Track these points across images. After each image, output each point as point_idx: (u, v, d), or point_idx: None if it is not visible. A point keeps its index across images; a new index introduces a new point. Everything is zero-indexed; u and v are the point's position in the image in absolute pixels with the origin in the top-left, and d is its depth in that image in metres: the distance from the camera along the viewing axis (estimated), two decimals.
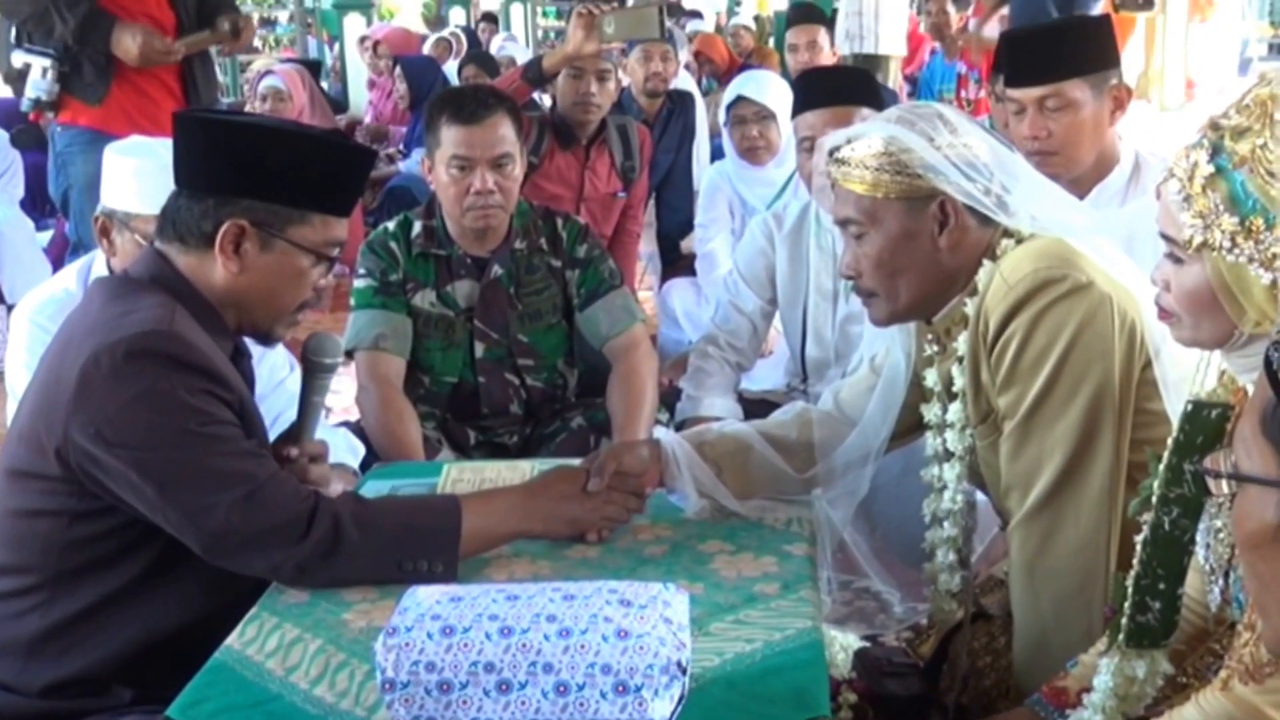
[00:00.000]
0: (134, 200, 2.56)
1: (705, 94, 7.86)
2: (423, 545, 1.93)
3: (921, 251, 2.01)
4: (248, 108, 6.80)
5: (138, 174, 2.57)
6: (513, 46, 10.32)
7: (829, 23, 6.50)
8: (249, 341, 2.13)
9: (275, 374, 2.81)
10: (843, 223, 2.07)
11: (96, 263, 2.80)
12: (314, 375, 2.17)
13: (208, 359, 1.90)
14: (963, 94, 8.30)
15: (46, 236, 6.34)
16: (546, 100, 5.34)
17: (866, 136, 2.02)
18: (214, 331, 1.98)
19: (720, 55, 9.12)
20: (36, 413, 1.90)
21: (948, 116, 2.02)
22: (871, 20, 6.45)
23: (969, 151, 1.98)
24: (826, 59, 5.97)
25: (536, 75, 4.18)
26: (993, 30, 8.44)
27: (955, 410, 2.05)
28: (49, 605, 1.90)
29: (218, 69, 12.04)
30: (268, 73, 6.89)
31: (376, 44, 9.31)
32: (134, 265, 2.06)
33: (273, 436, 2.16)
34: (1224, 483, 1.14)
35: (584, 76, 4.35)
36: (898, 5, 6.58)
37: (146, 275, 1.99)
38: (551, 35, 15.37)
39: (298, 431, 2.16)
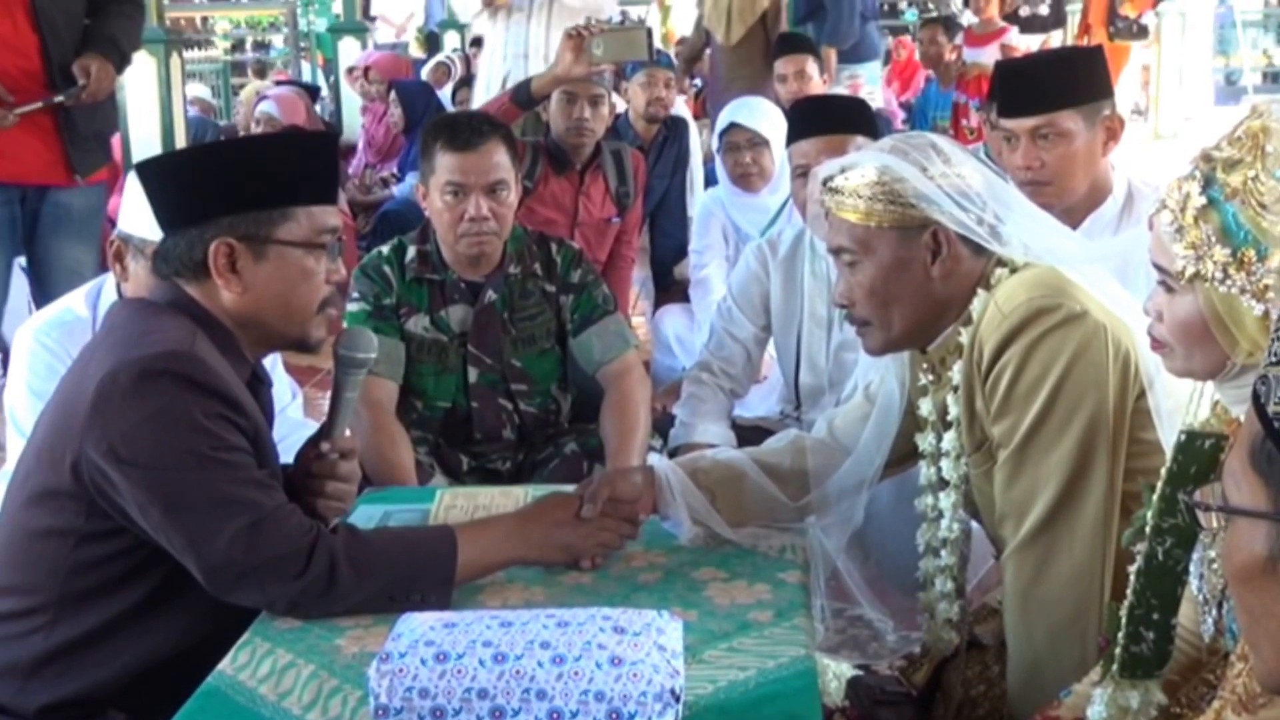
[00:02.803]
0: (149, 227, 2.54)
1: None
2: (417, 581, 1.94)
3: (914, 281, 2.01)
4: (242, 133, 6.82)
5: None
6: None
7: (817, 52, 6.48)
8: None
9: (279, 401, 2.81)
10: (836, 251, 2.08)
11: (106, 287, 2.80)
12: (346, 371, 2.16)
13: (225, 384, 1.90)
14: (963, 122, 8.33)
15: None
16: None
17: (860, 166, 2.03)
18: (232, 358, 1.97)
19: None
20: (54, 428, 1.90)
21: (941, 146, 2.03)
22: (540, 64, 5.81)
23: (962, 181, 1.99)
24: (816, 88, 5.98)
25: (526, 98, 4.19)
26: (986, 55, 8.50)
27: (950, 439, 2.05)
28: (52, 627, 1.90)
29: (210, 91, 11.97)
30: (264, 97, 6.91)
31: (368, 69, 9.33)
32: (152, 292, 2.05)
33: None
34: (1214, 516, 1.14)
35: (577, 101, 4.37)
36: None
37: (165, 300, 1.99)
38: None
39: (329, 427, 2.16)
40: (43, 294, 4.06)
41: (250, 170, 1.96)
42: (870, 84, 7.50)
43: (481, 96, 5.47)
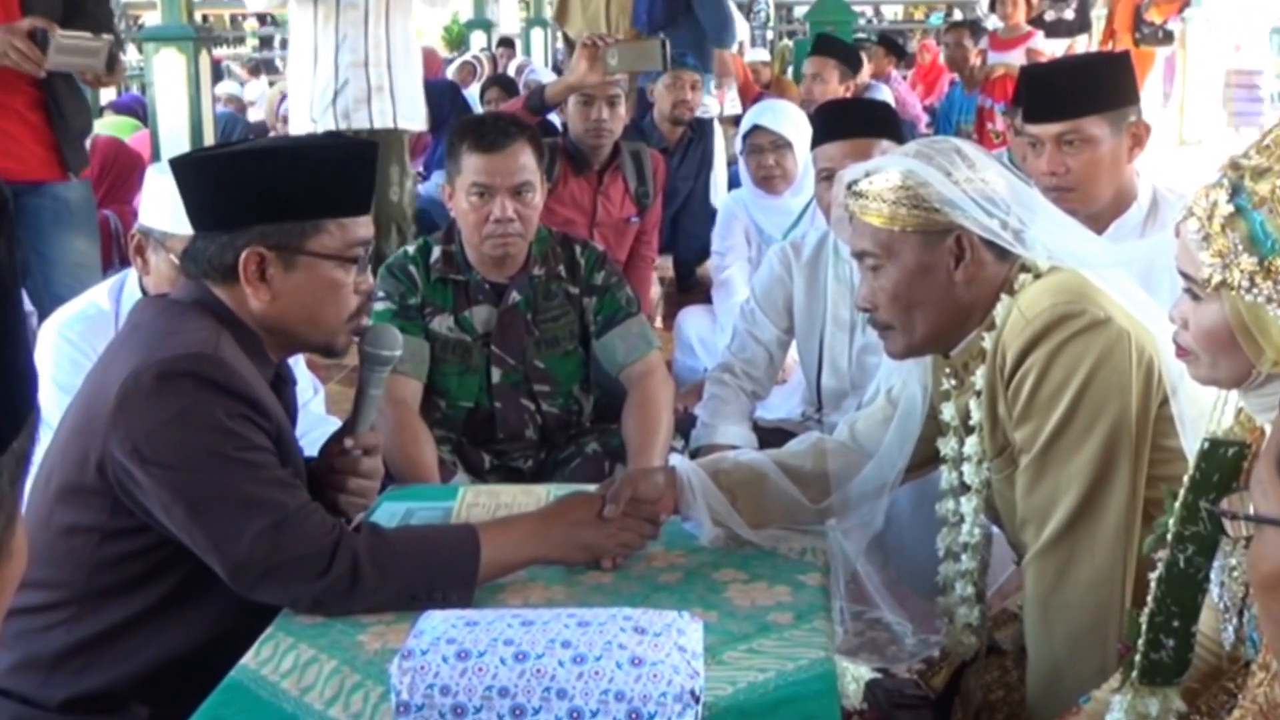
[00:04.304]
0: (170, 220, 2.55)
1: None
2: (439, 581, 1.95)
3: (937, 285, 2.01)
4: (271, 132, 6.82)
5: (175, 194, 2.57)
6: (541, 73, 10.35)
7: (841, 54, 6.46)
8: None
9: (300, 397, 2.83)
10: (859, 255, 2.08)
11: (129, 281, 2.81)
12: (371, 368, 2.16)
13: (248, 385, 1.90)
14: (989, 126, 8.30)
15: None
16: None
17: (884, 170, 2.03)
18: (256, 358, 1.98)
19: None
20: (78, 426, 1.92)
21: (965, 151, 2.03)
22: (382, 70, 4.85)
23: (986, 186, 1.99)
24: (833, 91, 5.99)
25: (539, 104, 4.21)
26: (1011, 59, 8.48)
27: (972, 444, 2.05)
28: (76, 622, 1.91)
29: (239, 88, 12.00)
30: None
31: None
32: (178, 290, 2.06)
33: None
34: (1241, 524, 1.14)
35: (595, 103, 4.38)
36: (415, 72, 5.03)
37: (191, 299, 1.99)
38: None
39: (352, 423, 2.17)
40: (47, 291, 3.95)
41: (288, 180, 1.95)
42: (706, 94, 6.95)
43: (303, 110, 4.84)
